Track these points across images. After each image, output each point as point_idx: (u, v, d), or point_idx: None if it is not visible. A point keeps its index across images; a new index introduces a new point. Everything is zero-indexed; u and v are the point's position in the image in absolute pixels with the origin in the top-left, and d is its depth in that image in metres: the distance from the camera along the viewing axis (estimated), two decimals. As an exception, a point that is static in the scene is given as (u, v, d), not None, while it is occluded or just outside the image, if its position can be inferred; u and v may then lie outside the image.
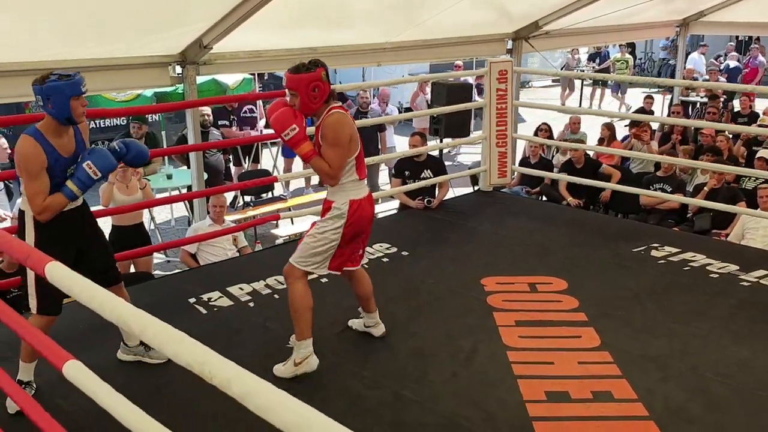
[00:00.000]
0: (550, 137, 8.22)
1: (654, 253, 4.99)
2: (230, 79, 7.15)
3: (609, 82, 15.48)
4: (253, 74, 8.38)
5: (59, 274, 1.47)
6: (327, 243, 3.30)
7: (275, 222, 5.55)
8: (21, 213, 3.01)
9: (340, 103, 3.30)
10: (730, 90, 10.93)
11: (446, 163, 9.73)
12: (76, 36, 4.87)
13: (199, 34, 5.33)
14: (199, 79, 5.66)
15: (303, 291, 3.33)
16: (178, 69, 5.51)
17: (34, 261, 1.51)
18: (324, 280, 4.16)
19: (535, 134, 8.21)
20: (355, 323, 3.81)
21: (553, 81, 17.36)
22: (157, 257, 6.66)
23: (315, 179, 9.22)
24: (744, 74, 14.79)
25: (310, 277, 3.37)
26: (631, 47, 17.63)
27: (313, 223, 3.39)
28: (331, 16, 6.01)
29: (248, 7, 5.06)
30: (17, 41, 4.67)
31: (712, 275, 4.61)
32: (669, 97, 12.63)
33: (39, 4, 4.34)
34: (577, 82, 16.38)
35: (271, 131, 8.97)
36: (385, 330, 3.75)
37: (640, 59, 20.44)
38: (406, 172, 6.03)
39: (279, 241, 6.60)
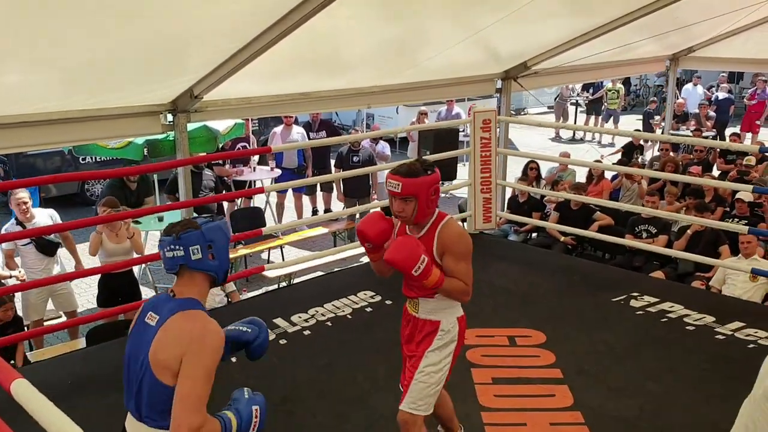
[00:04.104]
0: (539, 175, 8.33)
1: (633, 303, 5.08)
2: (221, 124, 7.27)
3: (602, 110, 15.69)
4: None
5: (25, 392, 1.54)
6: (444, 373, 2.98)
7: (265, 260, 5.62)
8: None
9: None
10: (723, 146, 10.48)
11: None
12: (71, 88, 4.99)
13: (190, 85, 5.45)
14: (190, 126, 5.76)
15: None
16: (170, 117, 5.60)
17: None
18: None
19: (524, 172, 8.32)
20: None
21: (548, 108, 17.52)
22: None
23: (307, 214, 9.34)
24: (749, 107, 14.09)
25: None
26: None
27: (417, 358, 2.97)
28: (324, 63, 6.13)
29: (239, 60, 5.16)
30: (11, 94, 4.79)
31: (688, 327, 4.70)
32: (661, 129, 12.75)
33: (38, 58, 4.44)
34: (571, 111, 16.56)
35: (264, 168, 9.13)
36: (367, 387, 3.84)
37: (635, 86, 20.64)
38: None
39: (259, 291, 6.70)
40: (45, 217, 5.65)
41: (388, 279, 5.50)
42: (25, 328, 5.29)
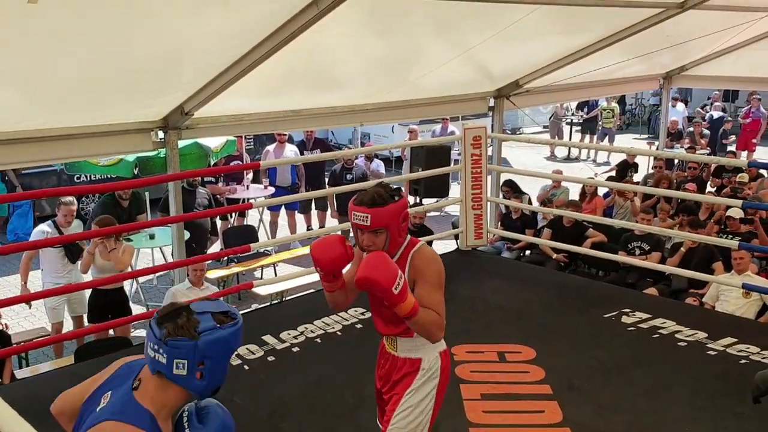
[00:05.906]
0: (515, 192, 8.29)
1: (624, 319, 5.05)
2: (213, 141, 7.28)
3: (597, 129, 15.77)
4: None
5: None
6: (426, 416, 2.75)
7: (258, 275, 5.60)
8: None
9: None
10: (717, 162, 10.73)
11: (432, 214, 9.86)
12: (61, 105, 5.00)
13: (181, 101, 5.46)
14: (181, 143, 5.76)
15: None
16: (161, 134, 5.60)
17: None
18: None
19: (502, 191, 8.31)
20: None
21: (544, 127, 17.57)
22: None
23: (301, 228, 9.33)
24: (744, 125, 14.26)
25: None
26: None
27: (395, 399, 2.78)
28: (316, 80, 6.15)
29: (229, 76, 5.18)
30: (1, 110, 4.79)
31: (680, 343, 4.67)
32: (656, 146, 12.80)
33: (29, 75, 4.44)
34: (566, 130, 16.63)
35: (257, 186, 9.13)
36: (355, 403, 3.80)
37: (631, 105, 20.72)
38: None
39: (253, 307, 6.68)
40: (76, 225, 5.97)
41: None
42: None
